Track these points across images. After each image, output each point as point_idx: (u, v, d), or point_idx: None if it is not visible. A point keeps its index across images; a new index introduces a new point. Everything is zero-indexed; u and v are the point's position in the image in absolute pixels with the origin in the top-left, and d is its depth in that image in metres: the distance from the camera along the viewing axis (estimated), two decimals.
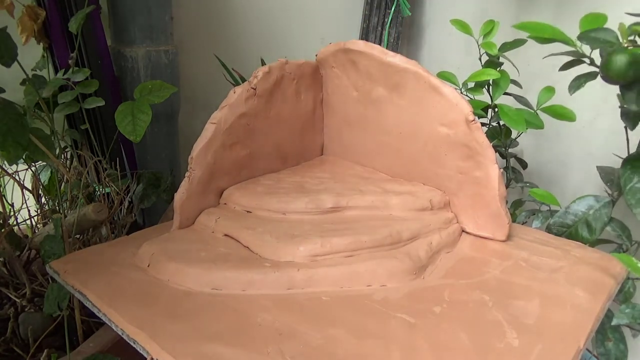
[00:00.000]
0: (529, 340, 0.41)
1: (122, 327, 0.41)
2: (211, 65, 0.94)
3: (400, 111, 0.60)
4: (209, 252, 0.51)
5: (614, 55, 0.51)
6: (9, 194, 0.77)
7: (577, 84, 0.58)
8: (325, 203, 0.58)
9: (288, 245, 0.50)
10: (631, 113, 0.59)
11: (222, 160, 0.58)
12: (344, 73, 0.65)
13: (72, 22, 0.70)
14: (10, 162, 0.52)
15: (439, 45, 1.10)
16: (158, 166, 0.90)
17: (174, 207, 0.56)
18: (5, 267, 0.65)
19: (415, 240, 0.54)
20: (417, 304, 0.45)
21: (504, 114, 0.65)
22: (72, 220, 0.64)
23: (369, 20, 1.08)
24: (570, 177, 0.91)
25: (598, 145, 0.86)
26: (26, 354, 0.58)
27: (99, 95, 0.75)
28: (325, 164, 0.73)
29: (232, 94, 0.58)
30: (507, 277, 0.50)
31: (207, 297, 0.45)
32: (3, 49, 0.52)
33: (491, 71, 0.67)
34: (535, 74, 0.86)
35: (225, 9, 1.02)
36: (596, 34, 0.54)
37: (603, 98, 0.82)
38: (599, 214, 0.63)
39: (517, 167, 0.85)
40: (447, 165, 0.58)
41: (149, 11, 0.82)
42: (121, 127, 0.63)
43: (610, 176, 0.67)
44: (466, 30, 0.72)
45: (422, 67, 0.56)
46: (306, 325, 0.42)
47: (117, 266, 0.50)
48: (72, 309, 0.58)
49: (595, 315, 0.45)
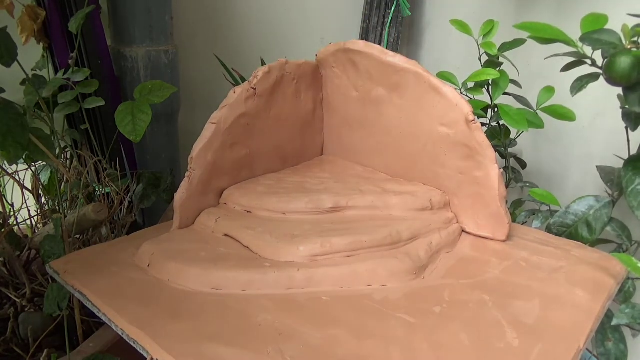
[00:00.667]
0: (529, 340, 0.41)
1: (122, 327, 0.41)
2: (211, 65, 0.94)
3: (400, 111, 0.60)
4: (209, 252, 0.51)
5: (618, 57, 0.51)
6: (9, 194, 0.77)
7: (579, 85, 0.58)
8: (325, 203, 0.58)
9: (288, 245, 0.50)
10: (633, 114, 0.59)
11: (222, 160, 0.58)
12: (344, 73, 0.65)
13: (72, 22, 0.70)
14: (10, 162, 0.52)
15: (439, 45, 1.10)
16: (158, 166, 0.90)
17: (174, 207, 0.56)
18: (5, 267, 0.65)
19: (415, 240, 0.54)
20: (417, 304, 0.45)
21: (505, 114, 0.65)
22: (72, 220, 0.64)
23: (369, 20, 1.08)
24: (570, 177, 0.91)
25: (598, 145, 0.86)
26: (26, 354, 0.58)
27: (99, 95, 0.75)
28: (325, 164, 0.73)
29: (232, 94, 0.58)
30: (507, 277, 0.50)
31: (207, 297, 0.45)
32: (3, 49, 0.52)
33: (491, 71, 0.67)
34: (535, 74, 0.86)
35: (225, 9, 1.02)
36: (599, 36, 0.54)
37: (603, 98, 0.82)
38: (599, 214, 0.63)
39: (516, 167, 0.85)
40: (447, 165, 0.58)
41: (149, 11, 0.82)
42: (121, 127, 0.63)
43: (611, 176, 0.67)
44: (466, 31, 0.72)
45: (422, 67, 0.56)
46: (306, 325, 0.42)
47: (117, 266, 0.50)
48: (72, 309, 0.58)
49: (595, 315, 0.45)
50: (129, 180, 0.82)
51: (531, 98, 0.72)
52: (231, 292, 0.46)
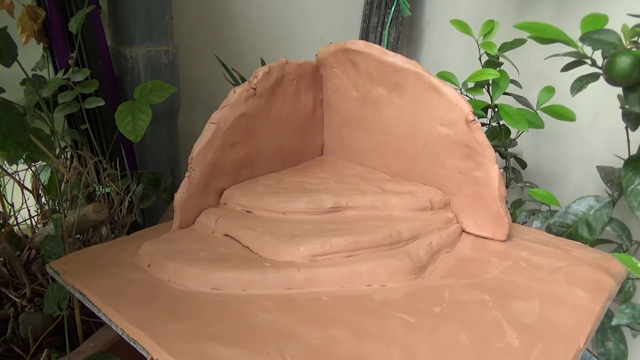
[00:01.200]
0: (529, 340, 0.41)
1: (122, 327, 0.41)
2: (211, 65, 0.94)
3: (400, 111, 0.60)
4: (209, 252, 0.51)
5: (618, 57, 0.51)
6: (9, 194, 0.77)
7: (579, 86, 0.58)
8: (326, 203, 0.58)
9: (288, 245, 0.50)
10: (633, 114, 0.59)
11: (222, 160, 0.58)
12: (344, 73, 0.65)
13: (72, 22, 0.70)
14: (10, 162, 0.52)
15: (439, 45, 1.10)
16: (158, 166, 0.90)
17: (174, 207, 0.56)
18: (5, 267, 0.65)
19: (415, 240, 0.54)
20: (417, 304, 0.45)
21: (505, 114, 0.65)
22: (72, 220, 0.64)
23: (369, 20, 1.08)
24: (570, 177, 0.91)
25: (598, 145, 0.86)
26: (26, 354, 0.58)
27: (99, 95, 0.75)
28: (325, 164, 0.73)
29: (232, 94, 0.58)
30: (507, 277, 0.50)
31: (207, 297, 0.45)
32: (3, 49, 0.52)
33: (491, 71, 0.67)
34: (535, 74, 0.86)
35: (225, 9, 1.02)
36: (599, 36, 0.54)
37: (603, 98, 0.82)
38: (599, 214, 0.63)
39: (516, 167, 0.85)
40: (447, 165, 0.58)
41: (149, 11, 0.82)
42: (121, 127, 0.63)
43: (610, 176, 0.67)
44: (466, 31, 0.72)
45: (422, 67, 0.56)
46: (306, 325, 0.42)
47: (117, 266, 0.50)
48: (72, 309, 0.58)
49: (595, 315, 0.45)
50: (129, 180, 0.82)
51: (531, 98, 0.72)
52: (231, 292, 0.46)
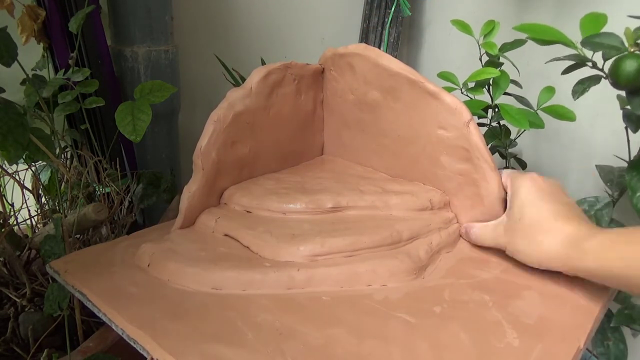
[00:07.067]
0: (529, 340, 0.41)
1: (122, 327, 0.41)
2: (211, 65, 0.94)
3: (396, 114, 0.60)
4: (209, 252, 0.51)
5: (623, 61, 0.51)
6: (9, 194, 0.77)
7: (581, 89, 0.57)
8: (326, 203, 0.58)
9: (288, 245, 0.50)
10: (634, 116, 0.58)
11: (225, 158, 0.58)
12: (340, 76, 0.65)
13: (72, 22, 0.70)
14: (11, 162, 0.52)
15: (439, 45, 1.11)
16: (158, 166, 0.90)
17: (180, 207, 0.56)
18: (5, 267, 0.65)
19: (416, 240, 0.54)
20: (417, 304, 0.45)
21: (506, 113, 0.65)
22: (72, 220, 0.64)
23: (369, 20, 1.08)
24: (570, 177, 0.91)
25: (598, 145, 0.86)
26: (26, 354, 0.58)
27: (99, 95, 0.75)
28: (325, 164, 0.73)
29: (232, 93, 0.58)
30: (507, 277, 0.50)
31: (207, 297, 0.45)
32: (3, 49, 0.52)
33: (491, 69, 0.67)
34: (535, 74, 0.86)
35: (225, 9, 1.02)
36: (600, 39, 0.53)
37: (603, 99, 0.82)
38: (600, 214, 0.63)
39: (516, 167, 0.85)
40: (446, 167, 0.58)
41: (149, 11, 0.82)
42: (121, 127, 0.63)
43: (610, 176, 0.67)
44: (466, 31, 0.72)
45: (416, 73, 0.55)
46: (306, 325, 0.42)
47: (117, 266, 0.50)
48: (73, 309, 0.58)
49: (595, 315, 0.45)
50: (129, 180, 0.82)
51: (531, 98, 0.72)
52: (231, 292, 0.46)
